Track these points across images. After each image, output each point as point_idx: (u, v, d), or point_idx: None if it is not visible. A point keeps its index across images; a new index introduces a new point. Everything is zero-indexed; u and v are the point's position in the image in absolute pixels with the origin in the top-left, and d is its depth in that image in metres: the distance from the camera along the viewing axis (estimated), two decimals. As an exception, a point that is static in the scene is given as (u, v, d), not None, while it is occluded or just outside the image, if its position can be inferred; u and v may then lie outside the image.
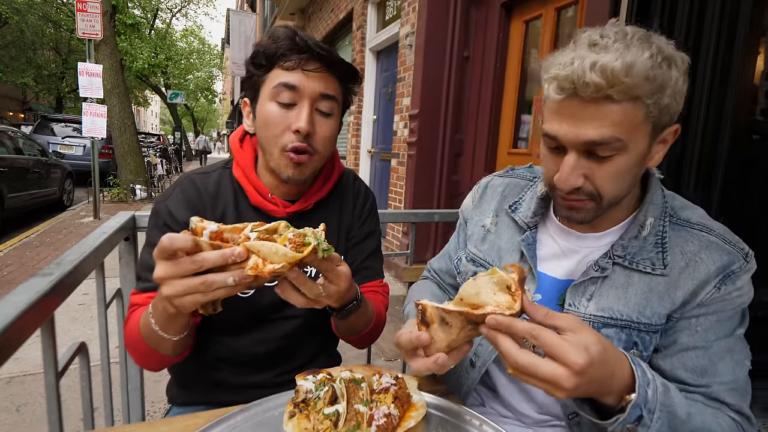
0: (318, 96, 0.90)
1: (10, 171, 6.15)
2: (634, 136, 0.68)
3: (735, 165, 1.20)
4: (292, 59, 0.88)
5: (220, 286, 0.62)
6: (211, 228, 0.64)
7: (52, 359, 0.74)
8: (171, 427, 0.74)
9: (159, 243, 0.60)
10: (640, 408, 0.62)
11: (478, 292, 0.61)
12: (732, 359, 0.74)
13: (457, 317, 0.62)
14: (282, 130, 0.89)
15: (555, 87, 0.69)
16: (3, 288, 3.82)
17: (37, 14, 19.05)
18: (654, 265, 0.77)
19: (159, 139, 18.45)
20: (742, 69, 1.16)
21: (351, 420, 0.71)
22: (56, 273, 0.71)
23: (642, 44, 0.65)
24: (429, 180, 4.06)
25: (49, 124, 10.73)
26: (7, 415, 2.11)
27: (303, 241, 0.65)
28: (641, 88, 0.64)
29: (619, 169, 0.70)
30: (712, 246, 0.76)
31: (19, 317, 0.55)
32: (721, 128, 1.17)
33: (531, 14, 3.34)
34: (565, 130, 0.70)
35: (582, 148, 0.70)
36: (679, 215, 0.81)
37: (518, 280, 0.61)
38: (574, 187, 0.72)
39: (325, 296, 0.72)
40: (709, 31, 1.19)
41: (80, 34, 6.46)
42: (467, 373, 0.98)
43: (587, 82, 0.64)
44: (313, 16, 8.57)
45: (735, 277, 0.73)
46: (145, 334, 0.78)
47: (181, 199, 0.93)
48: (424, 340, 0.64)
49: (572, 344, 0.56)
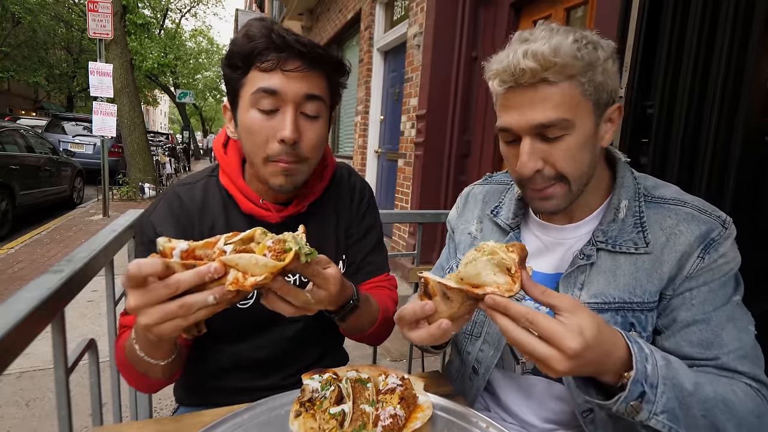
0: (302, 98, 0.82)
1: (22, 169, 6.23)
2: (578, 114, 0.73)
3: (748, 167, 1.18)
4: (269, 59, 0.79)
5: (201, 306, 0.57)
6: (180, 247, 0.59)
7: (62, 355, 0.74)
8: (178, 425, 0.74)
9: (127, 271, 0.55)
10: (641, 384, 0.61)
11: (479, 273, 0.61)
12: (735, 327, 0.74)
13: (458, 293, 0.63)
14: (265, 139, 0.82)
15: (497, 81, 0.76)
16: (14, 284, 3.87)
17: (49, 14, 19.30)
18: (636, 245, 0.80)
19: (168, 138, 18.59)
20: (756, 69, 1.14)
21: (357, 420, 0.71)
22: (67, 270, 0.72)
23: (566, 32, 0.72)
24: (436, 180, 4.05)
25: (60, 123, 10.85)
26: (17, 410, 2.14)
27: (283, 248, 0.61)
28: (572, 66, 0.70)
29: (572, 148, 0.74)
30: (689, 217, 0.78)
31: (30, 313, 0.56)
32: (734, 130, 1.15)
33: (540, 14, 3.32)
34: (515, 119, 0.75)
35: (533, 132, 0.75)
36: (653, 194, 0.84)
37: (518, 260, 0.62)
38: (533, 170, 0.76)
39: (314, 302, 0.69)
40: (723, 30, 1.18)
41: (91, 33, 6.53)
42: (471, 380, 0.98)
43: (523, 69, 0.70)
44: (321, 16, 8.59)
45: (717, 244, 0.75)
46: (133, 360, 0.74)
47: (166, 214, 0.90)
48: (429, 309, 0.65)
49: (567, 328, 0.56)
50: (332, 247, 1.01)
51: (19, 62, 19.71)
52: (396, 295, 1.08)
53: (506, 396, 0.95)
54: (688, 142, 1.23)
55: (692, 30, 1.23)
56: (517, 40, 0.75)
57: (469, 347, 0.99)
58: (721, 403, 0.67)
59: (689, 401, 0.65)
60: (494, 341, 0.94)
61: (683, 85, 1.26)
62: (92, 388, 0.90)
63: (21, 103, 25.02)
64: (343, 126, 7.63)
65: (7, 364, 0.54)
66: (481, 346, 0.96)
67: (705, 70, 1.20)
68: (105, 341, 1.10)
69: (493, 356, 0.93)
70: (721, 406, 0.66)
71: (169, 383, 0.84)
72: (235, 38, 0.83)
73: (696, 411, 0.65)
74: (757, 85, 1.14)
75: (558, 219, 0.88)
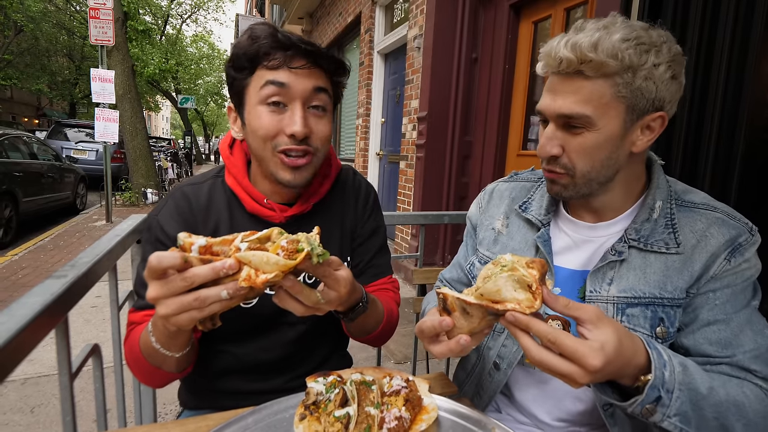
0: (310, 92, 0.84)
1: (25, 176, 6.26)
2: (603, 114, 0.74)
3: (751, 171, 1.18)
4: (276, 57, 0.82)
5: (215, 300, 0.60)
6: (199, 242, 0.62)
7: (66, 360, 0.74)
8: (183, 429, 0.74)
9: (147, 263, 0.58)
10: (657, 389, 0.63)
11: (499, 290, 0.62)
12: (752, 329, 0.76)
13: (477, 309, 0.63)
14: (274, 134, 0.84)
15: (542, 64, 0.79)
16: (18, 290, 3.88)
17: (51, 22, 19.43)
18: (668, 245, 0.81)
19: (170, 143, 18.61)
20: (757, 67, 1.13)
21: (362, 423, 0.71)
22: (70, 275, 0.72)
23: (620, 28, 0.71)
24: (438, 182, 4.05)
25: (63, 130, 10.91)
26: (22, 416, 2.14)
27: (296, 248, 0.63)
28: (608, 66, 0.70)
29: (588, 144, 0.76)
30: (719, 222, 0.80)
31: (33, 319, 0.56)
32: (737, 127, 1.14)
33: (540, 15, 3.32)
34: (547, 103, 0.78)
35: (557, 119, 0.78)
36: (683, 198, 0.86)
37: (539, 277, 0.62)
38: (550, 154, 0.79)
39: (324, 302, 0.70)
40: (723, 29, 1.17)
41: (93, 40, 6.56)
42: (490, 376, 0.98)
43: (561, 57, 0.73)
44: (322, 19, 8.61)
45: (743, 249, 0.77)
46: (147, 353, 0.76)
47: (173, 213, 0.91)
48: (447, 325, 0.66)
49: (589, 346, 0.58)
50: (337, 248, 1.02)
51: (22, 70, 19.84)
52: (399, 298, 1.09)
53: (521, 393, 0.96)
54: (690, 142, 1.23)
55: (693, 30, 1.23)
56: (573, 27, 0.77)
57: (491, 342, 0.99)
58: (733, 405, 0.68)
59: (702, 404, 0.67)
60: None
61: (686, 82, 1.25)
62: (96, 393, 0.90)
63: (24, 110, 25.18)
64: (345, 129, 7.64)
65: (11, 369, 0.54)
66: (504, 341, 0.96)
67: (706, 69, 1.19)
68: (109, 346, 1.10)
69: (517, 351, 0.93)
70: (732, 408, 0.68)
71: (179, 377, 0.85)
72: (239, 41, 0.86)
73: (708, 413, 0.67)
74: (758, 84, 1.13)
75: (588, 217, 0.89)
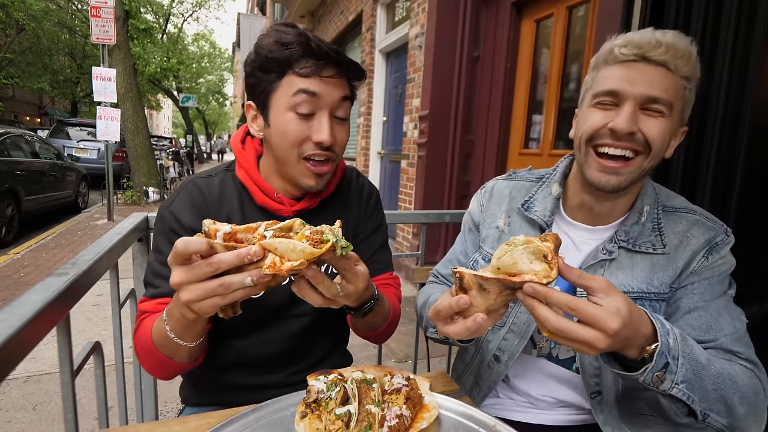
0: (338, 101, 0.88)
1: (27, 174, 6.27)
2: (676, 107, 0.82)
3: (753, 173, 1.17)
4: (308, 66, 0.84)
5: (239, 287, 0.61)
6: (224, 229, 0.63)
7: (68, 358, 0.74)
8: (184, 426, 0.74)
9: (174, 248, 0.59)
10: (665, 356, 0.66)
11: (516, 262, 0.62)
12: (729, 315, 0.85)
13: (494, 284, 0.63)
14: (302, 140, 0.87)
15: (625, 49, 0.82)
16: (20, 289, 3.90)
17: (52, 21, 19.44)
18: (654, 246, 0.89)
19: (171, 142, 18.64)
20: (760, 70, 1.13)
21: (363, 421, 0.71)
22: (71, 273, 0.72)
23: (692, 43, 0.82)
24: (439, 181, 4.05)
25: (65, 128, 10.93)
26: (24, 414, 2.15)
27: (321, 238, 0.63)
28: (690, 68, 0.80)
29: (663, 128, 0.81)
30: (698, 223, 0.90)
31: (35, 316, 0.56)
32: (738, 132, 1.14)
33: (542, 13, 3.32)
34: (630, 85, 0.81)
35: (641, 101, 0.81)
36: (665, 204, 0.94)
37: (554, 248, 0.63)
38: (631, 130, 0.81)
39: (342, 296, 0.70)
40: (726, 29, 1.17)
41: (94, 39, 6.57)
42: (490, 368, 1.03)
43: (661, 41, 0.78)
44: (323, 18, 8.61)
45: (719, 248, 0.87)
46: (160, 343, 0.77)
47: (186, 203, 0.93)
48: (464, 302, 0.66)
49: (606, 311, 0.60)
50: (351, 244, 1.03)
51: (24, 68, 19.86)
52: (400, 294, 1.11)
53: (519, 381, 1.02)
54: (692, 145, 1.22)
55: (695, 30, 1.22)
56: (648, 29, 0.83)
57: (490, 336, 1.03)
58: (728, 378, 0.74)
59: (702, 374, 0.71)
60: (521, 330, 0.98)
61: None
62: (98, 390, 0.90)
63: (26, 109, 25.24)
64: (346, 128, 7.63)
65: (14, 365, 0.54)
66: (506, 335, 1.00)
67: (708, 69, 1.19)
68: (110, 345, 1.10)
69: (518, 344, 0.98)
70: (728, 381, 0.73)
71: (189, 368, 0.86)
72: (265, 43, 0.86)
73: (708, 383, 0.71)
74: (761, 87, 1.13)
75: (587, 220, 0.96)
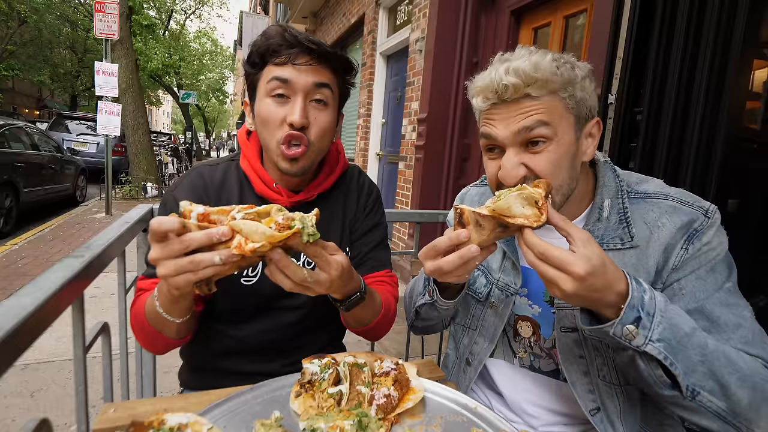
0: (311, 87, 0.91)
1: (27, 166, 6.29)
2: (560, 125, 0.77)
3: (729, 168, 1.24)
4: (282, 54, 0.90)
5: (208, 264, 0.64)
6: (197, 210, 0.66)
7: (81, 334, 0.80)
8: (186, 402, 0.79)
9: (149, 225, 0.63)
10: (637, 310, 0.64)
11: (509, 206, 0.68)
12: (731, 312, 0.74)
13: (490, 220, 0.69)
14: (278, 124, 0.91)
15: (481, 98, 0.80)
16: (18, 279, 3.92)
17: (55, 14, 19.44)
18: (623, 240, 0.82)
19: (170, 138, 18.64)
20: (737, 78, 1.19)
21: (353, 399, 0.76)
22: (87, 255, 0.78)
23: (544, 52, 0.77)
24: (436, 183, 4.11)
25: (64, 122, 10.93)
26: (22, 400, 2.19)
27: (289, 225, 0.66)
28: (553, 82, 0.75)
29: (553, 157, 0.77)
30: (671, 209, 0.80)
31: (59, 290, 0.62)
32: (716, 134, 1.20)
33: (540, 22, 3.39)
34: (499, 129, 0.79)
35: (517, 139, 0.77)
36: (636, 190, 0.86)
37: (545, 193, 0.69)
38: (517, 178, 0.78)
39: (313, 282, 0.73)
40: (706, 42, 1.23)
41: (98, 33, 6.60)
42: (465, 372, 1.03)
43: (506, 84, 0.74)
44: (325, 19, 8.67)
45: (699, 234, 0.77)
46: (150, 317, 0.83)
47: (189, 189, 0.98)
48: (465, 236, 0.70)
49: (576, 257, 0.62)
50: (337, 237, 1.07)
51: (24, 61, 19.84)
52: (397, 292, 1.13)
53: (507, 392, 0.98)
54: (674, 145, 1.29)
55: (678, 41, 1.30)
56: (498, 60, 0.80)
57: (465, 339, 1.03)
58: (723, 356, 0.67)
59: (686, 342, 0.66)
60: (489, 334, 0.98)
61: (670, 92, 1.32)
62: (104, 368, 0.96)
63: (25, 101, 25.15)
64: (345, 129, 7.69)
65: (35, 337, 0.58)
66: (476, 338, 1.00)
67: (690, 77, 1.25)
68: (115, 331, 1.15)
69: (486, 348, 0.98)
70: (722, 358, 0.66)
71: (179, 344, 0.91)
72: (255, 40, 0.94)
73: (692, 354, 0.66)
74: (737, 93, 1.19)
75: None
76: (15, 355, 0.52)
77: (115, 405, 0.76)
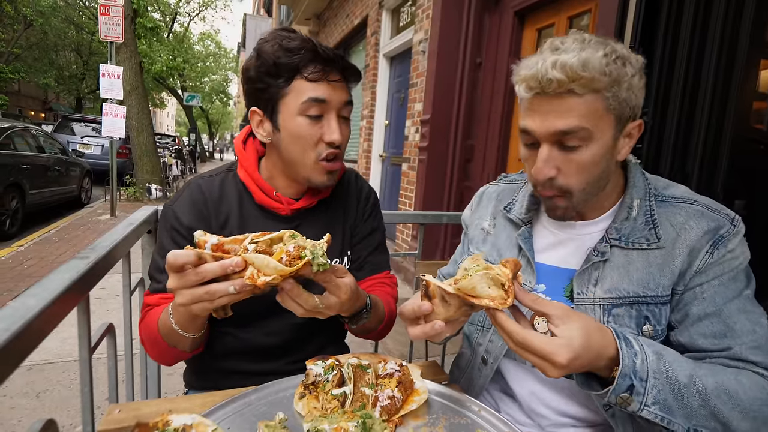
0: (342, 105, 0.94)
1: (32, 168, 6.33)
2: (598, 126, 0.75)
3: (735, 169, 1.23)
4: (317, 71, 0.89)
5: (223, 294, 0.67)
6: (212, 241, 0.69)
7: (86, 335, 0.80)
8: (191, 403, 0.79)
9: (166, 259, 0.66)
10: (629, 377, 0.66)
11: (474, 287, 0.67)
12: (747, 319, 0.75)
13: (455, 298, 0.68)
14: (315, 143, 0.92)
15: (524, 87, 0.77)
16: (24, 281, 3.95)
17: (60, 17, 19.60)
18: (648, 241, 0.82)
19: (174, 140, 18.74)
20: (743, 78, 1.19)
21: (357, 401, 0.76)
22: (92, 256, 0.78)
23: (597, 45, 0.74)
24: (439, 185, 4.10)
25: (70, 124, 11.00)
26: (28, 401, 2.20)
27: (300, 254, 0.68)
28: (599, 81, 0.72)
29: (587, 160, 0.76)
30: (698, 214, 0.81)
31: (64, 292, 0.62)
32: (722, 134, 1.20)
33: (544, 22, 3.38)
34: (537, 124, 0.77)
35: (553, 139, 0.77)
36: (663, 194, 0.87)
37: (512, 275, 0.68)
38: (547, 177, 0.78)
39: (324, 307, 0.75)
40: (712, 42, 1.23)
41: (103, 36, 6.65)
42: (479, 370, 1.01)
43: (550, 79, 0.72)
44: (329, 21, 8.69)
45: (725, 240, 0.77)
46: (165, 334, 0.84)
47: (188, 203, 0.98)
48: (426, 309, 0.71)
49: (557, 344, 0.63)
50: (338, 242, 1.08)
51: (30, 64, 20.01)
52: (396, 293, 1.15)
53: (519, 389, 0.97)
54: (679, 147, 1.28)
55: (684, 41, 1.29)
56: (549, 48, 0.76)
57: (481, 338, 1.02)
58: (723, 393, 0.68)
59: (684, 393, 0.68)
60: None
61: (675, 93, 1.31)
62: (110, 369, 0.96)
63: (31, 104, 25.36)
64: (349, 130, 7.69)
65: (41, 338, 0.59)
66: (492, 337, 0.99)
67: (695, 78, 1.25)
68: (120, 332, 1.16)
69: (502, 347, 0.96)
70: (723, 396, 0.68)
71: (191, 355, 0.93)
72: (270, 49, 0.90)
73: (693, 401, 0.68)
74: (743, 93, 1.19)
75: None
76: (21, 356, 0.52)
77: (120, 406, 0.76)
